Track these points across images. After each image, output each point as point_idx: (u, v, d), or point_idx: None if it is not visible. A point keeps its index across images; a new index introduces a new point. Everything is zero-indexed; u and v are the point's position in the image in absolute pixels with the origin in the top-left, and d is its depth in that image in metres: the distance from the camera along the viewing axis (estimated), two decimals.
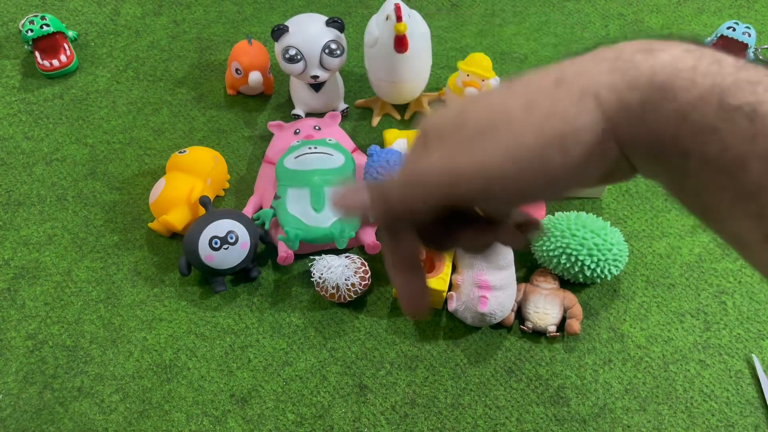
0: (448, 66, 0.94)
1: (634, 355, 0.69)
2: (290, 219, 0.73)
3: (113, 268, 0.76)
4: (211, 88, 0.92)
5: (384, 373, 0.69)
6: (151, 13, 1.02)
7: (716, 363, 0.69)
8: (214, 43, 0.98)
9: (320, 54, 0.78)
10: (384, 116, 0.89)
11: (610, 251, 0.68)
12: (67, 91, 0.92)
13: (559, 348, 0.70)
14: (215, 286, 0.73)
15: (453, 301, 0.68)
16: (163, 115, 0.90)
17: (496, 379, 0.68)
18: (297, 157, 0.77)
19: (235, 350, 0.70)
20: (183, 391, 0.68)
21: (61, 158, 0.85)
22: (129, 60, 0.96)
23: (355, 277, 0.69)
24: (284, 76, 0.92)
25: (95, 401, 0.67)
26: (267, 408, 0.67)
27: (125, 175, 0.84)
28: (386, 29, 0.75)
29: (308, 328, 0.72)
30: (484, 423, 0.66)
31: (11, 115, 0.90)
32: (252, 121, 0.89)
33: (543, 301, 0.70)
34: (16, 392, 0.68)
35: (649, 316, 0.72)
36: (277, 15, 1.01)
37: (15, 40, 0.99)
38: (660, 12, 1.01)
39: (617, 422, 0.65)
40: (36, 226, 0.79)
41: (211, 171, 0.79)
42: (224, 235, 0.70)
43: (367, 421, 0.66)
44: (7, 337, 0.71)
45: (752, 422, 0.65)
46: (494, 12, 1.01)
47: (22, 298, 0.74)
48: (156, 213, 0.76)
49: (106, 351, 0.70)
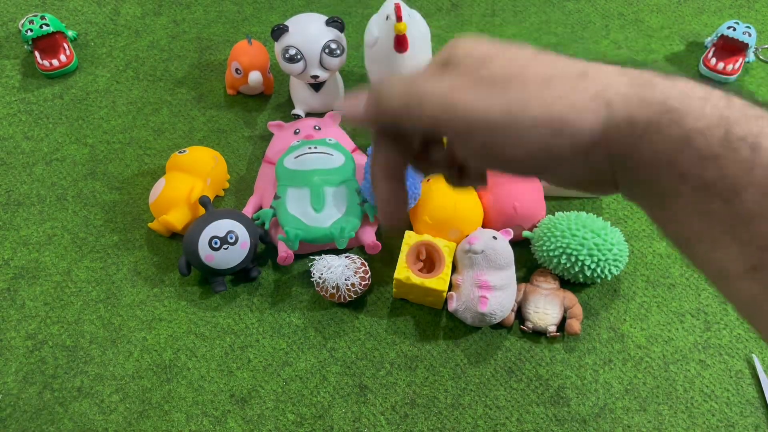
0: None
1: (634, 355, 0.69)
2: (290, 219, 0.73)
3: (113, 268, 0.76)
4: (211, 88, 0.92)
5: (384, 373, 0.69)
6: (151, 13, 1.02)
7: (716, 363, 0.69)
8: (214, 43, 0.98)
9: (320, 54, 0.78)
10: None
11: (610, 251, 0.68)
12: (66, 91, 0.92)
13: (559, 348, 0.70)
14: (215, 286, 0.73)
15: (453, 301, 0.68)
16: (163, 115, 0.90)
17: (496, 379, 0.68)
18: (297, 157, 0.77)
19: (235, 350, 0.70)
20: (183, 391, 0.68)
21: (61, 158, 0.85)
22: (129, 60, 0.96)
23: (355, 277, 0.69)
24: (284, 76, 0.92)
25: (95, 401, 0.67)
26: (267, 408, 0.67)
27: (125, 175, 0.84)
28: (386, 29, 0.75)
29: (308, 328, 0.72)
30: (485, 423, 0.65)
31: (11, 115, 0.90)
32: (252, 121, 0.89)
33: (543, 301, 0.70)
34: (16, 392, 0.68)
35: (650, 316, 0.72)
36: (277, 15, 1.01)
37: (15, 39, 0.99)
38: (660, 12, 1.01)
39: (617, 422, 0.65)
40: (36, 226, 0.79)
41: (211, 171, 0.78)
42: (224, 235, 0.70)
43: (367, 422, 0.66)
44: (6, 337, 0.71)
45: (752, 422, 0.65)
46: (494, 12, 1.01)
47: (22, 298, 0.74)
48: (156, 213, 0.76)
49: (105, 351, 0.70)
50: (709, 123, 0.22)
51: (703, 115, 0.22)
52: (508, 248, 0.69)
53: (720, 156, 0.21)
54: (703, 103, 0.22)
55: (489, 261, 0.68)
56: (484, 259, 0.68)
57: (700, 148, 0.22)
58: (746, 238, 0.21)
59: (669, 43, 0.97)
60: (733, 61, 0.90)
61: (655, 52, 0.96)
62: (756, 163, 0.21)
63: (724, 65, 0.89)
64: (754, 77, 0.92)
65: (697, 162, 0.22)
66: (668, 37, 0.98)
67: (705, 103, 0.22)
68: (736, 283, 0.23)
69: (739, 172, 0.21)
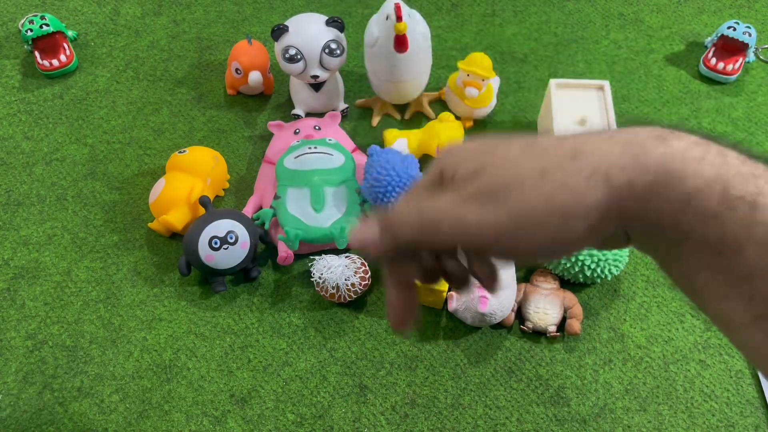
0: (448, 66, 0.94)
1: (634, 355, 0.69)
2: (290, 219, 0.73)
3: (113, 268, 0.76)
4: (211, 88, 0.92)
5: (384, 373, 0.69)
6: (151, 13, 1.02)
7: (717, 363, 0.69)
8: (214, 43, 0.98)
9: (320, 54, 0.78)
10: (384, 116, 0.89)
11: (610, 251, 0.68)
12: (66, 91, 0.92)
13: (559, 348, 0.70)
14: (215, 286, 0.73)
15: (453, 301, 0.68)
16: (163, 115, 0.90)
17: (496, 379, 0.68)
18: (297, 157, 0.77)
19: (235, 350, 0.70)
20: (183, 391, 0.68)
21: (61, 158, 0.85)
22: (129, 60, 0.96)
23: (355, 277, 0.69)
24: (284, 76, 0.92)
25: (95, 401, 0.67)
26: (267, 408, 0.67)
27: (125, 175, 0.84)
28: (386, 29, 0.75)
29: (308, 328, 0.72)
30: (485, 423, 0.65)
31: (11, 114, 0.90)
32: (252, 121, 0.89)
33: (543, 301, 0.70)
34: (16, 392, 0.68)
35: (650, 316, 0.72)
36: (277, 15, 1.01)
37: (15, 39, 0.99)
38: (660, 12, 1.01)
39: (617, 422, 0.65)
40: (36, 226, 0.79)
41: (211, 171, 0.78)
42: (224, 235, 0.70)
43: (367, 422, 0.66)
44: (6, 337, 0.71)
45: (752, 422, 0.65)
46: (494, 12, 1.01)
47: (22, 298, 0.74)
48: (156, 213, 0.76)
49: (105, 351, 0.70)
50: (707, 182, 0.22)
51: (701, 175, 0.22)
52: None
53: (719, 214, 0.22)
54: (699, 164, 0.23)
55: None
56: None
57: (700, 207, 0.22)
58: (750, 291, 0.22)
59: (669, 43, 0.97)
60: (733, 61, 0.90)
61: (655, 52, 0.96)
62: (756, 221, 0.22)
63: (724, 65, 0.89)
64: (754, 77, 0.92)
65: (698, 220, 0.23)
66: (668, 37, 0.98)
67: (701, 163, 0.23)
68: (743, 332, 0.24)
69: (740, 229, 0.22)
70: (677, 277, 0.26)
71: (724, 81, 0.91)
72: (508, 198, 0.25)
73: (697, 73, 0.93)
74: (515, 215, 0.25)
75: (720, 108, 0.89)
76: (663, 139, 0.24)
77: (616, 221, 0.24)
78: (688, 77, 0.93)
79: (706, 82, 0.92)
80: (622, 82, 0.92)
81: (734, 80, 0.91)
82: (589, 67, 0.94)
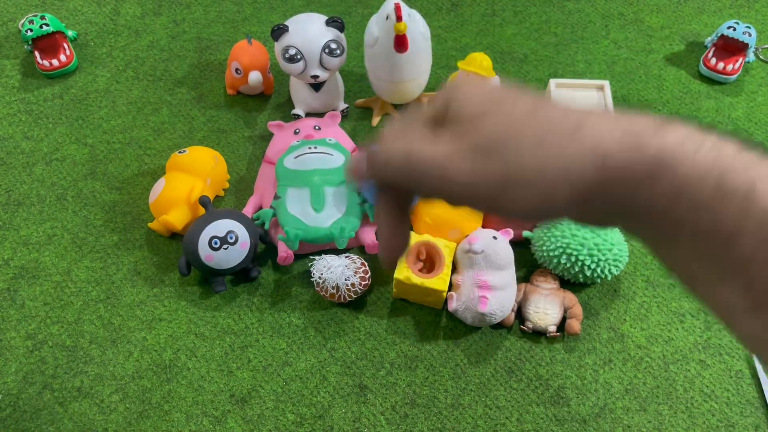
0: (448, 66, 0.94)
1: (634, 355, 0.69)
2: (290, 219, 0.73)
3: (113, 268, 0.76)
4: (211, 88, 0.92)
5: (384, 373, 0.69)
6: (151, 13, 1.02)
7: (716, 363, 0.69)
8: (214, 43, 0.98)
9: (320, 54, 0.78)
10: (384, 116, 0.89)
11: (610, 251, 0.68)
12: (66, 90, 0.92)
13: (559, 348, 0.70)
14: (215, 286, 0.73)
15: (453, 301, 0.68)
16: (162, 115, 0.90)
17: (496, 379, 0.68)
18: (297, 157, 0.77)
19: (235, 350, 0.70)
20: (183, 391, 0.68)
21: (61, 158, 0.85)
22: (129, 60, 0.96)
23: (355, 277, 0.69)
24: (284, 76, 0.92)
25: (95, 401, 0.67)
26: (267, 408, 0.67)
27: (125, 175, 0.84)
28: (386, 29, 0.75)
29: (308, 328, 0.72)
30: (485, 423, 0.65)
31: (11, 114, 0.90)
32: (252, 121, 0.89)
33: (543, 301, 0.70)
34: (16, 392, 0.68)
35: (650, 316, 0.72)
36: (277, 15, 1.01)
37: (15, 39, 0.99)
38: (660, 12, 1.01)
39: (617, 422, 0.65)
40: (36, 226, 0.79)
41: (210, 171, 0.78)
42: (224, 235, 0.70)
43: (367, 422, 0.66)
44: (6, 337, 0.71)
45: (752, 422, 0.65)
46: (494, 12, 1.01)
47: (22, 298, 0.74)
48: (156, 213, 0.76)
49: (105, 351, 0.70)
50: (701, 173, 0.22)
51: (695, 165, 0.23)
52: (508, 248, 0.69)
53: (713, 205, 0.22)
54: (694, 153, 0.23)
55: (489, 261, 0.68)
56: (484, 259, 0.68)
57: (693, 197, 0.23)
58: (745, 280, 0.22)
59: (669, 43, 0.97)
60: (733, 61, 0.90)
61: (655, 52, 0.96)
62: (749, 212, 0.22)
63: (724, 65, 0.89)
64: (754, 77, 0.92)
65: (691, 210, 0.23)
66: (668, 37, 0.98)
67: (696, 153, 0.23)
68: (739, 321, 0.24)
69: (733, 220, 0.22)
70: (671, 263, 0.26)
71: (724, 81, 0.91)
72: (501, 155, 0.25)
73: (697, 73, 0.93)
74: (505, 175, 0.25)
75: (720, 108, 0.89)
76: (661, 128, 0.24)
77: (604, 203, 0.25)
78: (688, 77, 0.93)
79: (706, 82, 0.92)
80: (622, 82, 0.92)
81: (734, 80, 0.91)
82: (589, 67, 0.94)
